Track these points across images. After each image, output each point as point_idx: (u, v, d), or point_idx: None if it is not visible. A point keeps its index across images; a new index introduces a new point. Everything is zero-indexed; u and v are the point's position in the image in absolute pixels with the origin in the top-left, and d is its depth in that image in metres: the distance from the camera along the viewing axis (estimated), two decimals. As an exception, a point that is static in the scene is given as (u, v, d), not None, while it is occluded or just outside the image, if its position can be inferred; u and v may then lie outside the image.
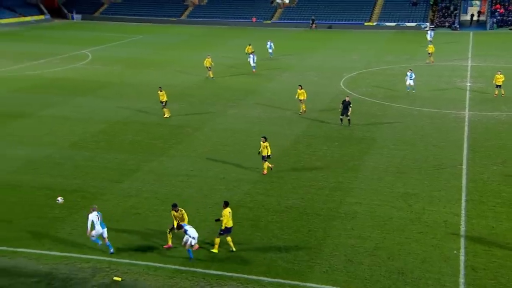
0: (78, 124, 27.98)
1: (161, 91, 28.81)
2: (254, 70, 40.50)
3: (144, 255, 15.58)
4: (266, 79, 39.00)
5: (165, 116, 28.94)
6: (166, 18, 79.29)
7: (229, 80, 38.72)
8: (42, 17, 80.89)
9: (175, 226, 15.63)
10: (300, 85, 29.71)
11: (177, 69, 42.78)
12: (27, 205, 18.61)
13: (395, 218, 17.84)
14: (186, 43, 58.08)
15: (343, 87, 36.07)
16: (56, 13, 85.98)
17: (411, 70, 34.43)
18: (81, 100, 33.04)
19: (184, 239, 15.27)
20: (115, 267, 14.97)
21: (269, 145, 21.36)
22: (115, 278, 14.32)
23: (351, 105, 26.84)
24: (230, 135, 26.55)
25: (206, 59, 38.73)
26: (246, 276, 14.61)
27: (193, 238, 15.10)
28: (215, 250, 15.65)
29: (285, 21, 73.25)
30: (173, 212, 15.88)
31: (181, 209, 16.01)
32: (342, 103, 26.99)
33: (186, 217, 15.92)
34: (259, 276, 14.61)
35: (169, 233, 15.86)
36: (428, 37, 53.66)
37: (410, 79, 33.53)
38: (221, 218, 15.62)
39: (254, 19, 74.29)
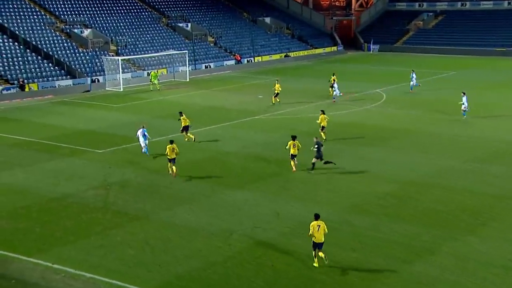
0: (361, 181, 28.41)
1: (182, 116, 35.50)
2: (334, 99, 47.75)
3: None
4: None
5: (186, 139, 35.31)
6: (492, 49, 76.43)
7: None
8: (334, 48, 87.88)
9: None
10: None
11: (503, 117, 40.54)
12: (293, 275, 19.36)
13: None
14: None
15: None
16: (350, 44, 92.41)
17: None
18: (365, 151, 33.66)
19: None
20: None
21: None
22: None
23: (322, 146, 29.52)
24: None
25: (277, 85, 47.04)
26: None
27: None
28: (315, 264, 19.72)
29: None
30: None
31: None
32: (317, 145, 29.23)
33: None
34: None
35: None
36: None
37: None
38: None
39: None
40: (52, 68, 57.75)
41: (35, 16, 65.08)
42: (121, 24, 71.10)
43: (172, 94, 53.92)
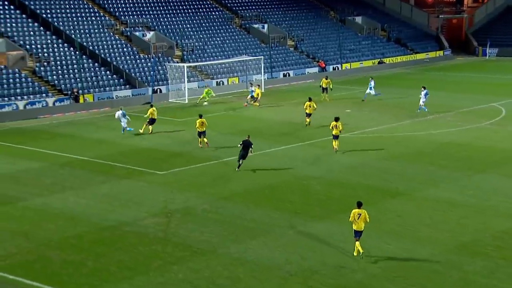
0: (472, 215, 27.82)
1: (152, 107, 44.39)
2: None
3: None
4: None
5: (141, 131, 43.89)
6: None
7: None
8: (440, 53, 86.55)
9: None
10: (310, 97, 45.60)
11: None
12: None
13: None
14: None
15: None
16: (461, 47, 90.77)
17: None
18: (480, 178, 32.99)
19: None
20: None
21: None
22: None
23: (252, 148, 34.32)
24: None
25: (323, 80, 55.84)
26: None
27: None
28: (354, 253, 23.50)
29: None
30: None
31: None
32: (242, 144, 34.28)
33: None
34: None
35: None
36: None
37: None
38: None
39: None
40: (109, 76, 59.67)
41: (93, 18, 67.52)
42: (188, 25, 72.77)
43: (243, 107, 54.42)
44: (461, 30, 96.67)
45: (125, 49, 64.44)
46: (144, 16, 71.33)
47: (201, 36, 71.54)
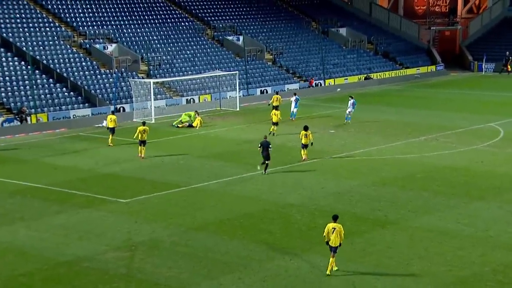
0: (470, 247, 27.78)
1: (113, 113, 47.93)
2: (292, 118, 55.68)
3: None
4: None
5: (110, 144, 46.61)
6: None
7: None
8: (432, 68, 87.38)
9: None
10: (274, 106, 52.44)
11: None
12: None
13: None
14: None
15: None
16: (455, 62, 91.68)
17: None
18: (478, 206, 33.04)
19: None
20: None
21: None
22: None
23: (270, 147, 38.37)
24: None
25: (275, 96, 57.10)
26: None
27: None
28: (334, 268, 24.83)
29: None
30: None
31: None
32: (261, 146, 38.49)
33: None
34: None
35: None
36: None
37: None
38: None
39: None
40: (66, 94, 59.34)
41: (47, 28, 67.20)
42: (155, 37, 72.75)
43: (217, 127, 54.40)
44: (455, 43, 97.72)
45: (83, 63, 64.16)
46: (105, 26, 71.15)
47: (169, 49, 71.55)
